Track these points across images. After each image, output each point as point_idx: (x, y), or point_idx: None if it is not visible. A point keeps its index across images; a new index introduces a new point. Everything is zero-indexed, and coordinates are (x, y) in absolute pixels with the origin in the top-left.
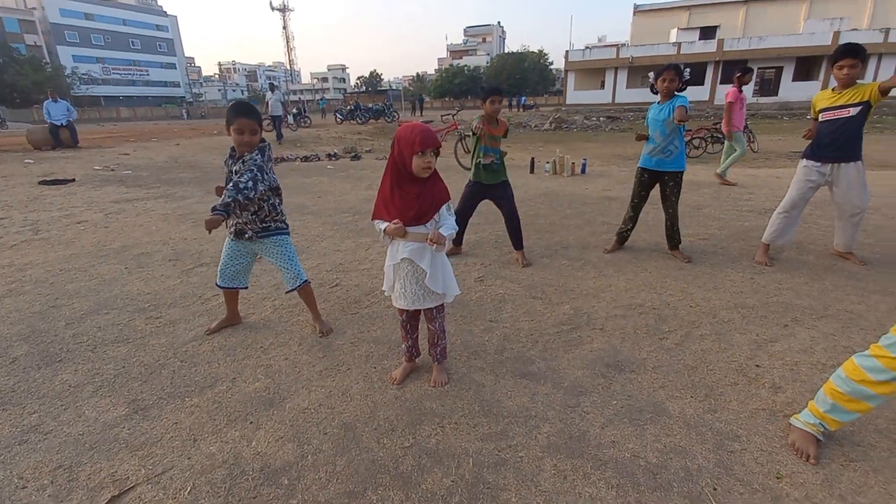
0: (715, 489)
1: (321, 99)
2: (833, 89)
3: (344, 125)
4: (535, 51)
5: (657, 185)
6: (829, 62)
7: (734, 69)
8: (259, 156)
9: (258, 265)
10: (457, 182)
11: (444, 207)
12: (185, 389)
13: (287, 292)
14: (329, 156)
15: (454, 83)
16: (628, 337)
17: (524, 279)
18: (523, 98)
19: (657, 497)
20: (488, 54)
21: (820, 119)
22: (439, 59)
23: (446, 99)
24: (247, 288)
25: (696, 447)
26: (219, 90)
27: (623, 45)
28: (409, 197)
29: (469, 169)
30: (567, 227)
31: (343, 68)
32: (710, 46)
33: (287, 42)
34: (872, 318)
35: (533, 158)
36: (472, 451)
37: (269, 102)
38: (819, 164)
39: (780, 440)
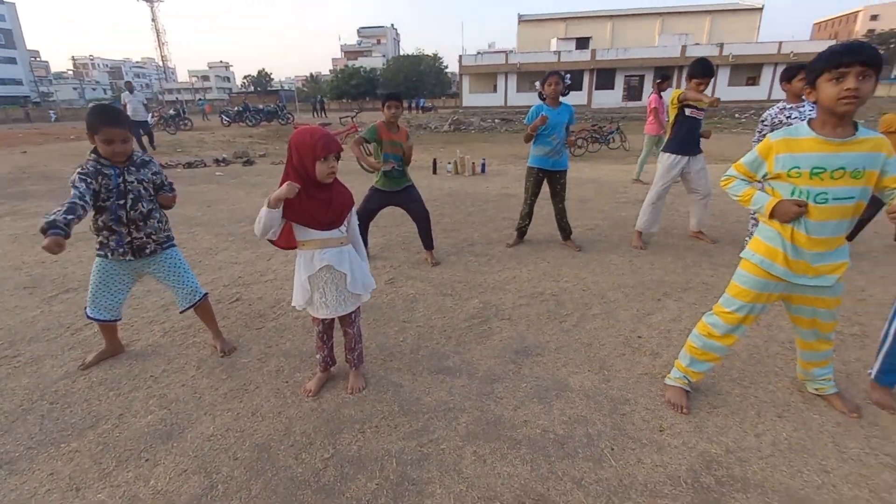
0: (612, 449)
1: (200, 99)
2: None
3: (232, 128)
4: (430, 54)
5: (547, 181)
6: (689, 77)
7: (606, 76)
8: (155, 166)
9: (140, 285)
10: (361, 185)
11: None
12: (60, 434)
13: (181, 311)
14: (217, 161)
15: (351, 84)
16: (533, 324)
17: (434, 278)
18: (422, 100)
19: (566, 464)
20: (384, 56)
21: (687, 113)
22: (334, 59)
23: (344, 100)
24: (120, 320)
25: (595, 415)
26: (74, 88)
27: (511, 51)
28: (320, 203)
29: (371, 172)
30: (471, 224)
31: (227, 66)
32: (585, 55)
33: (158, 36)
34: (722, 287)
35: (435, 159)
36: (394, 452)
37: (129, 106)
38: (680, 156)
39: (660, 399)
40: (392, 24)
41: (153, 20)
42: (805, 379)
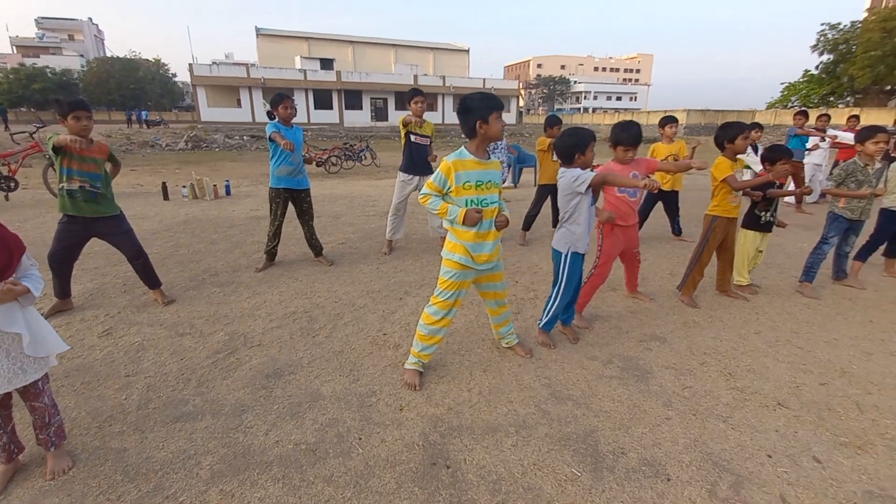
0: (360, 439)
1: None
2: (414, 122)
3: None
4: (152, 59)
5: (292, 202)
6: (408, 98)
7: (354, 96)
8: None
9: None
10: (54, 219)
11: (23, 257)
12: None
13: None
14: None
15: (33, 89)
16: (285, 344)
17: (167, 318)
18: (144, 113)
19: (317, 468)
20: (82, 55)
21: (413, 141)
22: (1, 55)
23: (22, 109)
24: None
25: (345, 413)
26: None
27: (253, 64)
28: None
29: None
30: (214, 252)
31: None
32: (331, 76)
33: None
34: None
35: (165, 183)
36: None
37: None
38: (412, 175)
39: (401, 383)
40: (90, 19)
41: None
42: (499, 338)
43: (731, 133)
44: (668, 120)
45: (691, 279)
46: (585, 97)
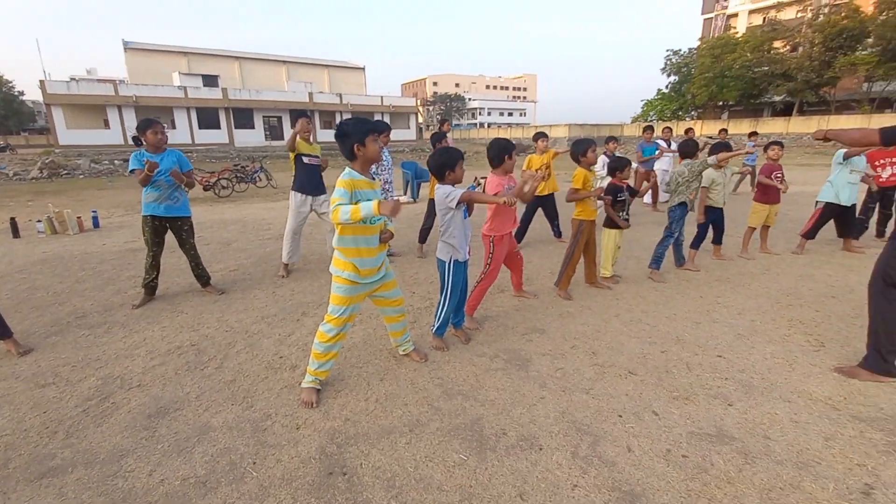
0: (254, 463)
1: None
2: (300, 141)
3: None
4: None
5: (170, 230)
6: (295, 120)
7: (244, 115)
8: None
9: None
10: None
11: None
12: None
13: None
14: None
15: None
16: (170, 381)
17: (25, 370)
18: None
19: (208, 500)
20: None
21: (305, 162)
22: None
23: None
24: None
25: (238, 441)
26: None
27: (122, 81)
28: None
29: None
30: (81, 292)
31: None
32: (216, 93)
33: None
34: None
35: (13, 219)
36: None
37: None
38: (306, 196)
39: (298, 403)
40: None
41: None
42: (396, 346)
43: (581, 148)
44: (540, 135)
45: (566, 275)
46: (480, 113)
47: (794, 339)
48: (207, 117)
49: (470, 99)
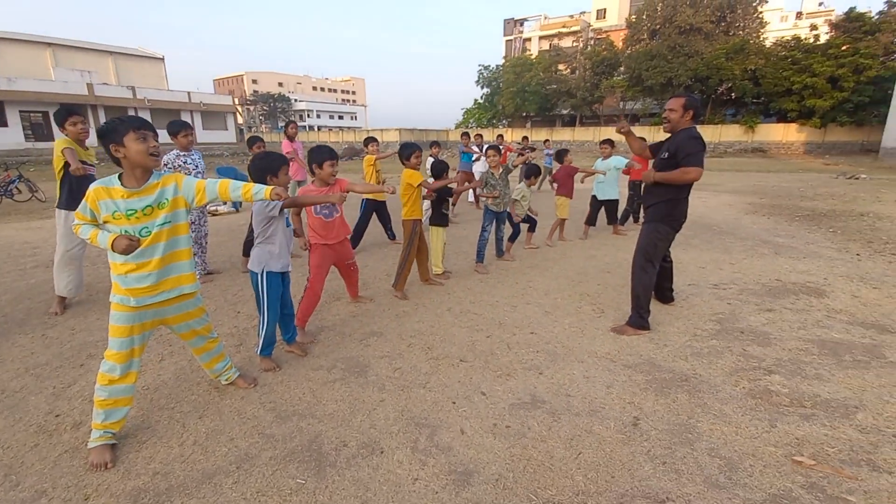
0: None
1: None
2: (83, 144)
3: None
4: None
5: None
6: (60, 120)
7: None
8: None
9: None
10: None
11: None
12: None
13: None
14: None
15: None
16: None
17: None
18: None
19: None
20: None
21: (70, 169)
22: None
23: None
24: None
25: None
26: None
27: None
28: None
29: None
30: None
31: None
32: None
33: None
34: None
35: None
36: None
37: None
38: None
39: (87, 468)
40: None
41: None
42: (215, 377)
43: (407, 153)
44: (370, 140)
45: (402, 276)
46: (309, 115)
47: (584, 309)
48: None
49: (296, 100)
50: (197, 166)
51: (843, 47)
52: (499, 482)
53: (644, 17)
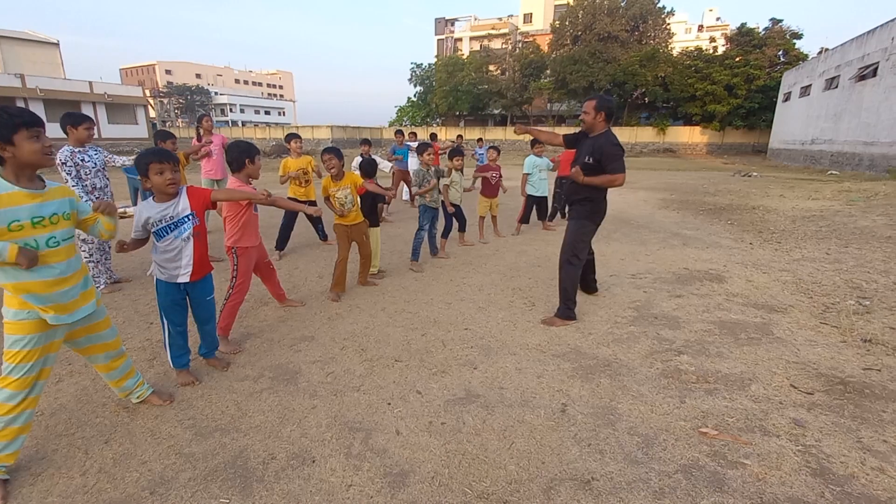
0: None
1: None
2: None
3: None
4: None
5: None
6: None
7: None
8: None
9: None
10: None
11: None
12: None
13: None
14: None
15: None
16: None
17: None
18: None
19: None
20: None
21: None
22: None
23: None
24: None
25: None
26: None
27: None
28: None
29: None
30: None
31: None
32: None
33: None
34: None
35: None
36: None
37: None
38: None
39: None
40: None
41: None
42: (125, 395)
43: (341, 157)
44: (292, 136)
45: (337, 278)
46: (231, 110)
47: (516, 303)
48: None
49: (217, 93)
50: (95, 164)
51: (737, 58)
52: (434, 479)
53: (567, 23)
